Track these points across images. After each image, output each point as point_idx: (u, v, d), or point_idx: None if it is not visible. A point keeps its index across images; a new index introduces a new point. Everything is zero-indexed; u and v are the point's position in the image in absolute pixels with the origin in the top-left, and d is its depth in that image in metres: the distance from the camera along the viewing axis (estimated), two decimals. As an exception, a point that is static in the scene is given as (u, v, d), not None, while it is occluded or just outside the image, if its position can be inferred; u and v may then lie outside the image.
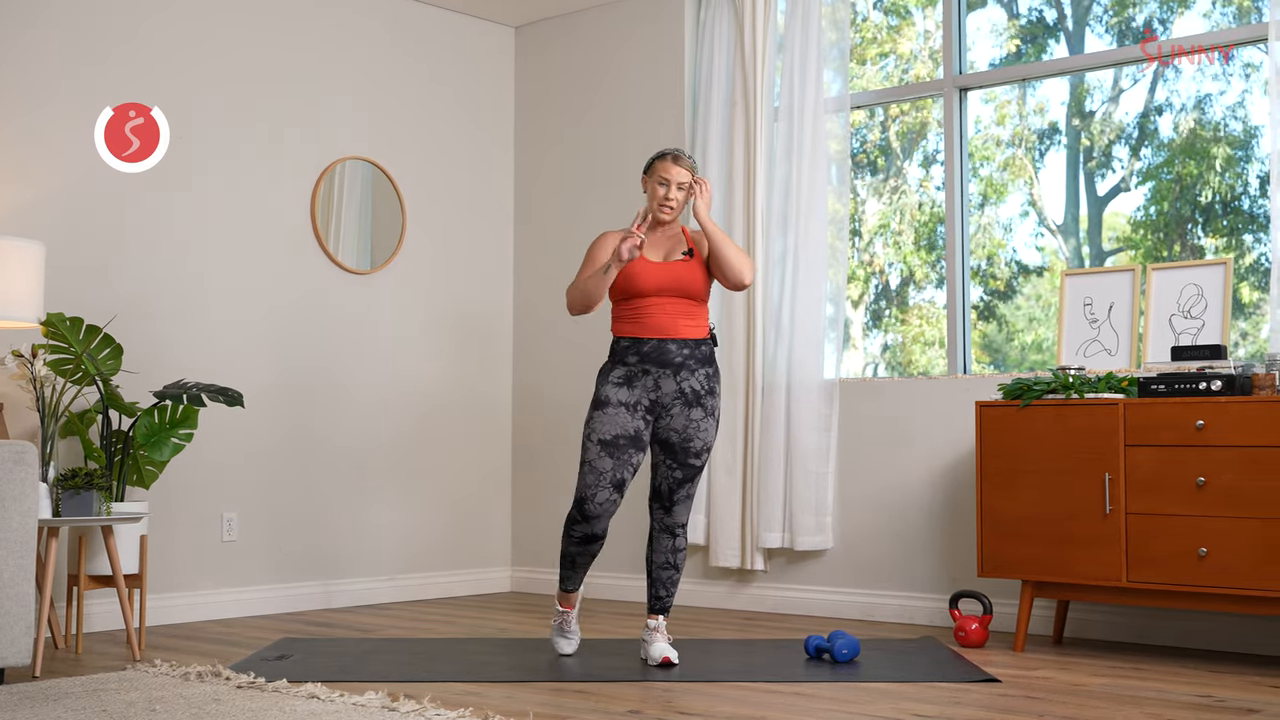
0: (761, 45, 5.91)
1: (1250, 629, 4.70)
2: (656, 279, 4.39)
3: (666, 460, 4.43)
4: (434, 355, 6.50)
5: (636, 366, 4.39)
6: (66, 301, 5.16)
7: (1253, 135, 5.21)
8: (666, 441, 4.41)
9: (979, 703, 3.77)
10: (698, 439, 4.40)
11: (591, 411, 4.39)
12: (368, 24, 6.33)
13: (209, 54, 5.72)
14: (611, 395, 4.37)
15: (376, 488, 6.24)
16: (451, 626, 5.38)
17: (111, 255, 5.39)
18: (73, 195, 5.30)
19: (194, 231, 5.65)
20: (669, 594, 4.49)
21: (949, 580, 5.39)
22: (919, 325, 6.02)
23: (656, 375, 4.38)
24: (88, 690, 3.84)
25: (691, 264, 4.43)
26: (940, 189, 5.86)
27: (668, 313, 4.39)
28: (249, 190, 5.84)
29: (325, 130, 6.12)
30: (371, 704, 3.62)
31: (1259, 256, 5.17)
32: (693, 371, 4.39)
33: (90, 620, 5.21)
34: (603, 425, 4.35)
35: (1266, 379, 4.38)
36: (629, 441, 4.35)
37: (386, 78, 6.38)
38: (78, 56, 5.32)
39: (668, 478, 4.44)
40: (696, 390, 4.40)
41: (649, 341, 4.38)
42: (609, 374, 4.42)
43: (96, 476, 4.61)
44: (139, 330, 5.40)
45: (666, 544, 4.48)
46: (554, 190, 6.75)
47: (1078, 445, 4.58)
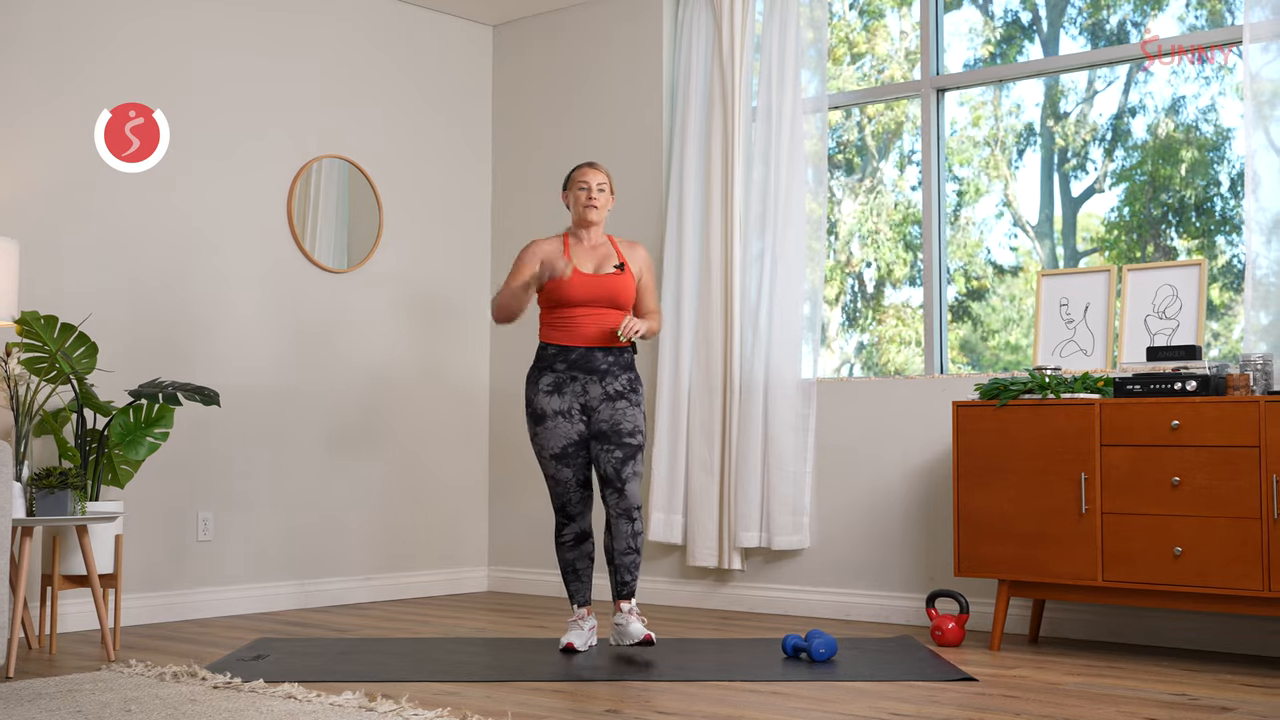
0: (740, 45, 5.92)
1: (1225, 628, 4.73)
2: (587, 290, 4.63)
3: (604, 446, 4.63)
4: (410, 354, 6.49)
5: (565, 373, 4.64)
6: (41, 300, 5.13)
7: (1225, 137, 5.25)
8: (600, 432, 4.65)
9: (956, 701, 3.79)
10: (626, 421, 4.63)
11: (534, 426, 4.66)
12: (345, 22, 6.30)
13: (186, 53, 5.69)
14: (546, 406, 4.63)
15: (352, 487, 6.22)
16: (428, 626, 5.37)
17: (87, 254, 5.36)
18: (47, 193, 5.26)
19: (170, 230, 5.62)
20: (634, 578, 4.64)
21: (926, 580, 5.41)
22: (895, 325, 6.04)
23: (584, 381, 4.64)
24: (62, 691, 3.81)
25: (622, 277, 4.69)
26: (915, 189, 5.88)
27: (594, 322, 4.63)
28: (225, 188, 5.81)
29: (302, 128, 6.10)
30: (349, 704, 3.61)
31: (1231, 258, 5.21)
32: (616, 377, 4.67)
33: (64, 620, 5.18)
34: (549, 440, 4.64)
35: (1241, 379, 4.41)
36: (575, 447, 4.64)
37: (363, 76, 6.37)
38: (52, 55, 5.29)
39: (610, 460, 4.62)
40: (620, 390, 4.66)
41: (576, 350, 4.63)
42: (538, 382, 4.67)
43: (71, 476, 4.58)
44: (114, 329, 5.37)
45: (625, 529, 4.62)
46: (531, 189, 6.74)
47: (1054, 445, 4.60)
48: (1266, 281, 4.73)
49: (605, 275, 4.67)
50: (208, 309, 5.73)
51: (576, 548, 4.73)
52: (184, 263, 5.66)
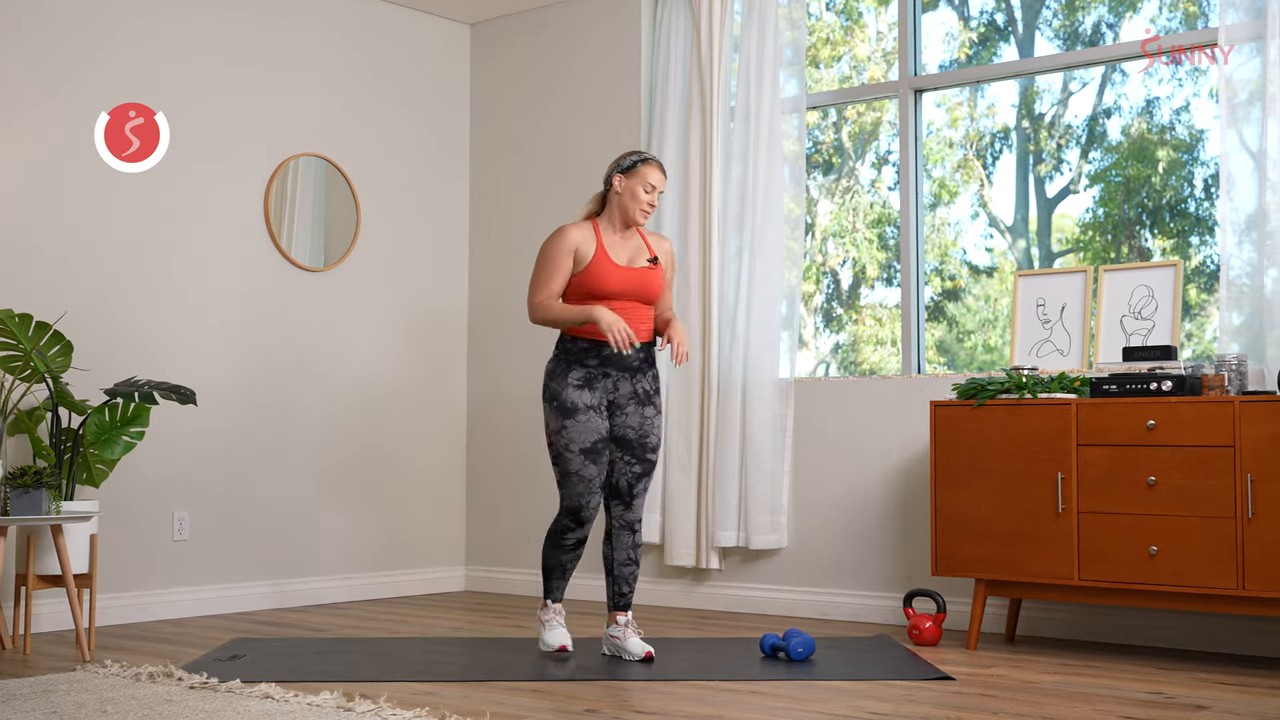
0: (718, 45, 5.93)
1: (1200, 626, 4.76)
2: (621, 282, 4.45)
3: (625, 457, 4.51)
4: (388, 353, 6.47)
5: (596, 369, 4.46)
6: (15, 298, 5.10)
7: (1198, 139, 5.29)
8: (624, 439, 4.51)
9: (933, 700, 3.80)
10: (653, 435, 4.54)
11: (562, 419, 4.42)
12: (322, 19, 6.28)
13: (161, 50, 5.66)
14: (578, 400, 4.43)
15: (330, 486, 6.20)
16: (406, 626, 5.36)
17: (62, 252, 5.32)
18: (22, 191, 5.23)
19: (146, 228, 5.59)
20: (631, 589, 4.56)
21: (903, 579, 5.42)
22: (871, 325, 6.06)
23: (615, 378, 4.48)
24: (37, 691, 3.79)
25: (655, 271, 4.53)
26: (892, 189, 5.90)
27: (628, 317, 4.44)
28: (202, 186, 5.78)
29: (279, 126, 6.08)
30: (327, 704, 3.60)
31: (1204, 259, 5.24)
32: (644, 374, 4.54)
33: (39, 620, 5.15)
34: (580, 434, 4.42)
35: (1216, 380, 4.44)
36: (604, 444, 4.47)
37: (341, 74, 6.34)
38: (25, 53, 5.25)
39: (626, 473, 4.51)
40: (648, 390, 4.55)
41: (609, 345, 4.40)
42: (566, 375, 4.46)
43: (46, 475, 4.56)
44: (90, 327, 5.33)
45: (627, 540, 4.55)
46: (509, 188, 6.73)
47: (1031, 445, 4.63)
48: (1240, 282, 4.76)
49: (640, 269, 4.49)
50: (183, 307, 5.70)
51: (574, 551, 4.55)
52: (160, 260, 5.63)
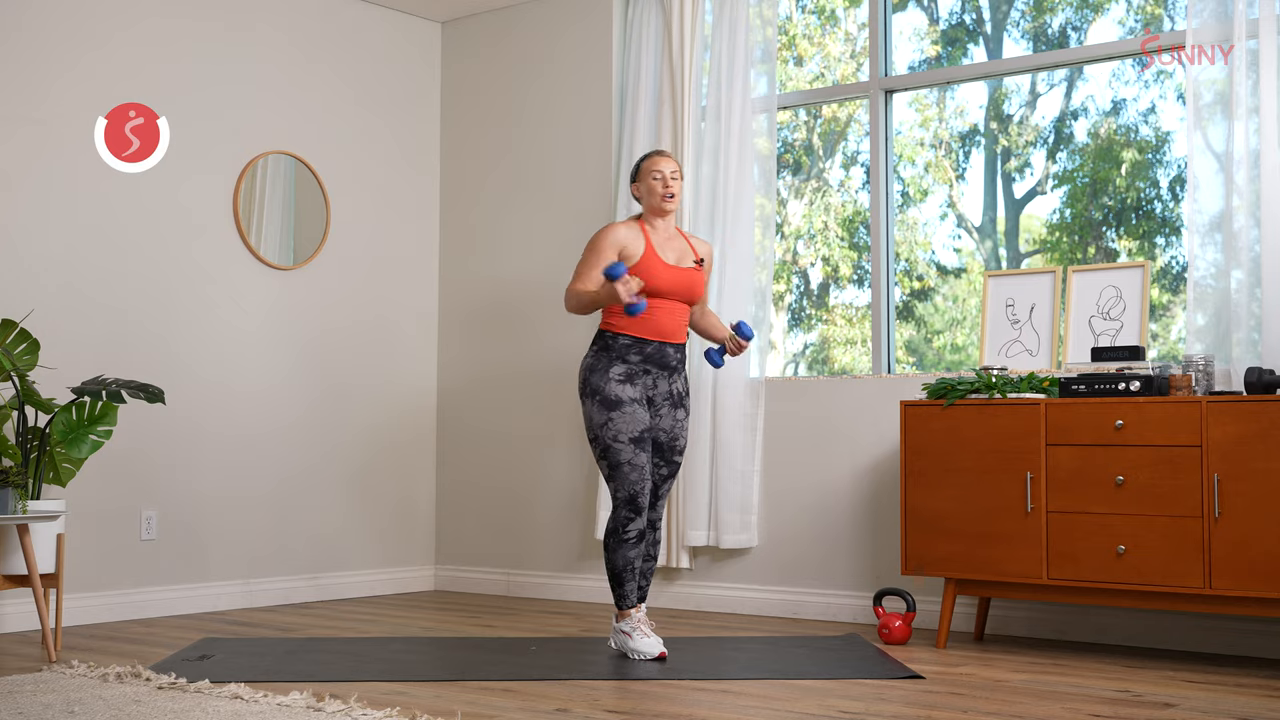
0: (689, 44, 5.93)
1: (1167, 625, 4.80)
2: (671, 281, 4.53)
3: (655, 459, 4.60)
4: (358, 351, 6.45)
5: (638, 366, 4.52)
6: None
7: (1164, 140, 5.33)
8: (655, 441, 4.60)
9: (903, 699, 3.82)
10: (682, 438, 4.65)
11: (608, 412, 4.45)
12: (292, 16, 6.25)
13: (131, 46, 5.62)
14: (623, 394, 4.48)
15: (298, 485, 6.17)
16: (376, 625, 5.34)
17: (29, 249, 5.28)
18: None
19: (114, 225, 5.55)
20: (648, 583, 4.65)
21: (873, 578, 5.44)
22: (841, 325, 6.08)
23: (655, 376, 4.56)
24: (3, 693, 3.76)
25: (699, 272, 4.62)
26: (863, 189, 5.92)
27: (671, 316, 4.54)
28: (170, 183, 5.74)
29: (248, 124, 6.04)
30: (296, 704, 3.59)
31: (1170, 260, 5.29)
32: (680, 374, 4.64)
33: (5, 621, 5.11)
34: (627, 424, 4.46)
35: (1183, 380, 4.48)
36: (649, 434, 4.53)
37: (311, 71, 6.32)
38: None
39: (654, 475, 4.60)
40: (681, 392, 4.64)
41: (652, 343, 4.51)
42: (609, 371, 4.50)
43: (12, 474, 4.52)
44: (57, 325, 5.29)
45: (649, 537, 4.63)
46: (480, 187, 6.72)
47: (1000, 444, 4.65)
48: (1204, 283, 4.80)
49: (686, 269, 4.56)
50: (151, 305, 5.66)
51: (639, 544, 4.50)
52: (127, 258, 5.59)
